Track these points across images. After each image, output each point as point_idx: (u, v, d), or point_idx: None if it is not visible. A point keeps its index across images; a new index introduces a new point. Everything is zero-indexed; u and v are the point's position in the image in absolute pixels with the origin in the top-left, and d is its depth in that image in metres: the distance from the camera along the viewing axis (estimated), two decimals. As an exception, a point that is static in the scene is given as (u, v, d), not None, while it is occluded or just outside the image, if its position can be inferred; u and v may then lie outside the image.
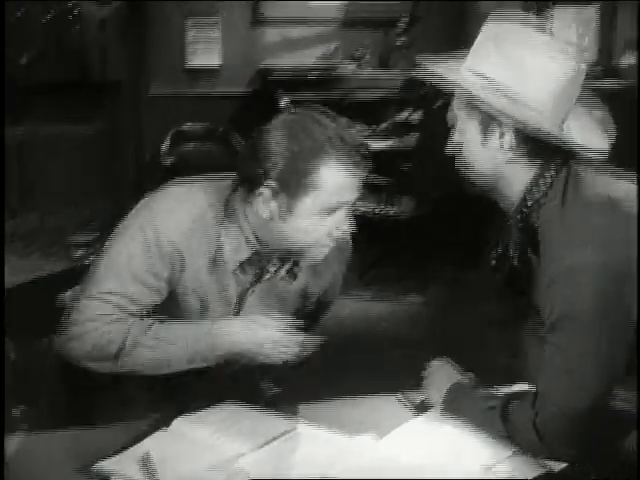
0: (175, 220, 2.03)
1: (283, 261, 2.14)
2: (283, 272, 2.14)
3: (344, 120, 2.02)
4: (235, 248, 2.07)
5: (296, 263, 2.14)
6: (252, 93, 6.17)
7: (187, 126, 5.99)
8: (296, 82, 5.82)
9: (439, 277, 5.26)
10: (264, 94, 5.98)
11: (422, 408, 2.00)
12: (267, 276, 2.13)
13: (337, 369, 2.02)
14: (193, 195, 2.08)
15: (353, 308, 4.43)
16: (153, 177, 5.78)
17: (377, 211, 5.29)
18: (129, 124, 6.01)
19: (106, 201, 5.72)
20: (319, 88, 5.83)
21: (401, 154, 5.57)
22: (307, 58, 6.22)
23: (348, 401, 2.04)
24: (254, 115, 5.77)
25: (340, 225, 2.01)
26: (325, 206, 1.97)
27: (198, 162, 5.59)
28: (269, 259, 2.12)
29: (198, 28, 6.07)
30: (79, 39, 5.79)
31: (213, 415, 1.93)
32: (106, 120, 6.00)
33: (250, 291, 2.12)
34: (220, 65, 6.15)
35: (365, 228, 2.34)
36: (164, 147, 5.86)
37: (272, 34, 6.27)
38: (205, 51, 6.11)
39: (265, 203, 1.98)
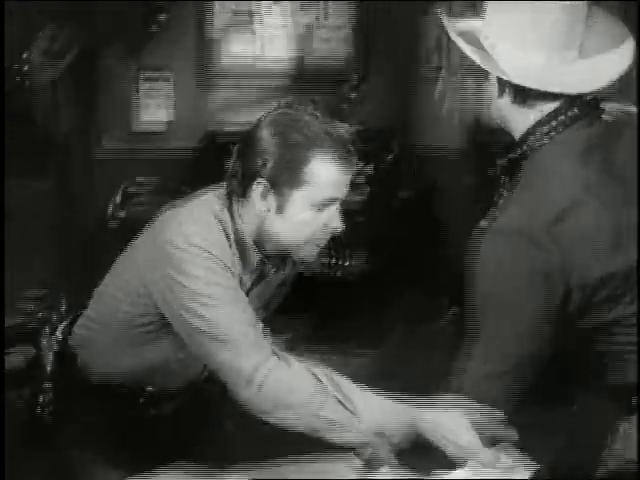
0: (212, 239, 2.04)
1: (281, 260, 2.18)
2: (288, 270, 2.18)
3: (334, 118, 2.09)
4: (242, 254, 2.09)
5: (294, 261, 2.18)
6: (203, 150, 6.17)
7: (138, 180, 5.97)
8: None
9: (393, 331, 5.25)
10: (215, 149, 5.98)
11: (373, 464, 1.98)
12: (268, 276, 2.18)
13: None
14: (203, 210, 2.11)
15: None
16: (104, 232, 5.74)
17: (329, 265, 5.29)
18: (80, 181, 5.97)
19: (56, 257, 5.66)
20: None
21: (353, 208, 5.59)
22: (259, 113, 6.24)
23: (300, 458, 2.02)
24: (205, 172, 5.76)
25: (333, 221, 2.06)
26: (318, 199, 2.03)
27: (150, 217, 5.56)
28: (269, 261, 2.16)
29: (149, 85, 6.08)
30: (30, 95, 5.76)
31: (163, 476, 1.90)
32: (57, 177, 5.95)
33: (251, 292, 2.13)
34: (171, 123, 6.15)
35: (317, 282, 2.34)
36: (115, 202, 5.82)
37: (223, 90, 6.29)
38: (156, 109, 6.11)
39: (262, 196, 2.01)
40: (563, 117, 1.88)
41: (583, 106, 1.89)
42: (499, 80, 1.91)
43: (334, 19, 6.53)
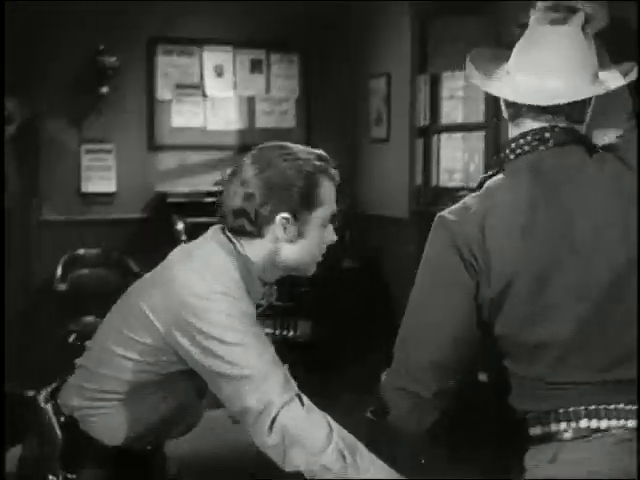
0: (232, 283, 2.07)
1: (272, 290, 2.26)
2: (274, 297, 2.19)
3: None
4: (249, 288, 2.11)
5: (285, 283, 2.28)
6: (148, 217, 6.16)
7: (81, 251, 5.92)
8: (192, 206, 5.83)
9: (339, 401, 5.22)
10: (160, 218, 5.97)
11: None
12: (262, 306, 2.22)
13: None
14: (217, 254, 2.13)
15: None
16: (45, 303, 5.66)
17: (275, 335, 5.27)
18: (20, 250, 5.89)
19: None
20: (215, 212, 5.83)
21: (299, 277, 5.58)
22: (203, 183, 6.27)
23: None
24: (150, 239, 5.75)
25: (330, 234, 2.19)
26: (326, 216, 2.16)
27: (92, 287, 5.52)
28: (265, 290, 2.22)
29: (93, 154, 6.07)
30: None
31: None
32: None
33: None
34: (115, 190, 6.13)
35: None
36: (57, 273, 5.75)
37: (168, 160, 6.31)
38: (100, 176, 6.09)
39: (284, 227, 2.11)
40: (530, 137, 1.93)
41: (560, 134, 1.93)
42: (503, 101, 1.99)
43: (277, 91, 6.61)
